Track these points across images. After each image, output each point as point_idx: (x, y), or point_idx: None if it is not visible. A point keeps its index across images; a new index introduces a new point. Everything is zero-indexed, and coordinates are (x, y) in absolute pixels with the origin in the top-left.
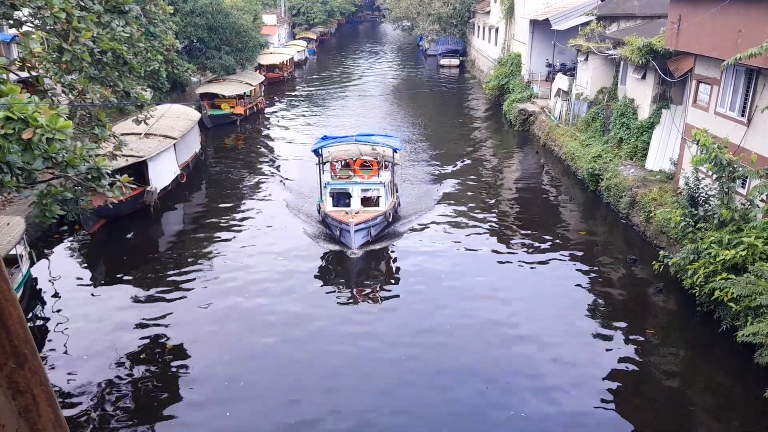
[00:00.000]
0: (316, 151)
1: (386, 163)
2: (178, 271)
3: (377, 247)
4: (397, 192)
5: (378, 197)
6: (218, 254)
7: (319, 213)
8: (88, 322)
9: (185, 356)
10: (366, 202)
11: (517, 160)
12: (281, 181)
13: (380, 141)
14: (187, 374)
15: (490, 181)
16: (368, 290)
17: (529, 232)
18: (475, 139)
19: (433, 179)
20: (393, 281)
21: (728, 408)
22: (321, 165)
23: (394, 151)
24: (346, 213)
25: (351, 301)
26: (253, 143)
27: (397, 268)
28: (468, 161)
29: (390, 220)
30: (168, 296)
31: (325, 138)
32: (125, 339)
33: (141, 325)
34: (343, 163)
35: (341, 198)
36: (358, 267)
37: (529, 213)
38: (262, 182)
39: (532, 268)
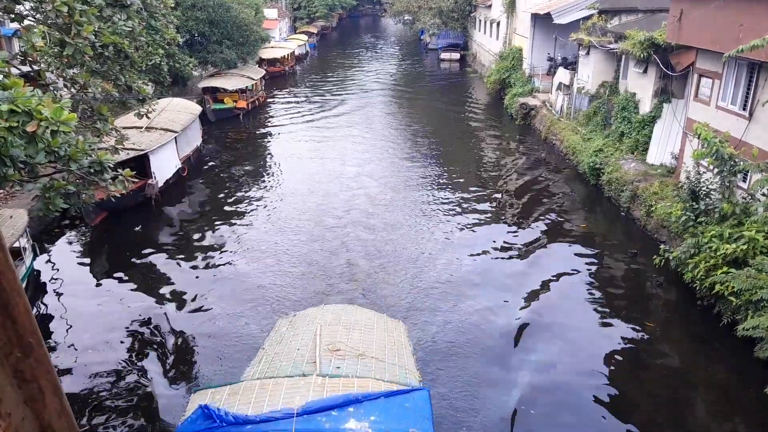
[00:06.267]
0: None
1: None
2: (178, 263)
3: None
4: None
5: None
6: (218, 247)
7: None
8: (90, 314)
9: (187, 348)
10: None
11: (518, 154)
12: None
13: None
14: (188, 366)
15: (491, 175)
16: None
17: (529, 225)
18: (476, 133)
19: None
20: None
21: (728, 402)
22: None
23: None
24: None
25: None
26: (254, 137)
27: None
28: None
29: None
30: (168, 288)
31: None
32: (127, 331)
33: (142, 317)
34: None
35: None
36: None
37: (529, 206)
38: (263, 177)
39: (531, 261)
